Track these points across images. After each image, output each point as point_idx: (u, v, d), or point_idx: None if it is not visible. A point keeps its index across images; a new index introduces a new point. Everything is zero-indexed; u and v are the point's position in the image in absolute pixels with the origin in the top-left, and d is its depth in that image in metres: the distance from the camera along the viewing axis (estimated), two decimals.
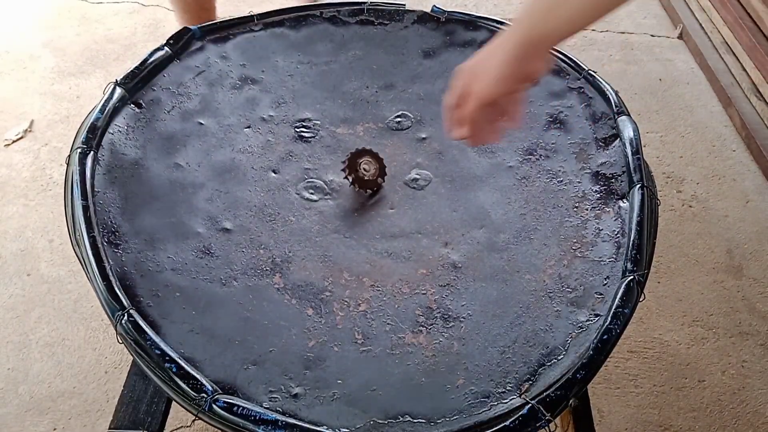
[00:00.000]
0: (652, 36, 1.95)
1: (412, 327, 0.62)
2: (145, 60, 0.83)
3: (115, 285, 0.59)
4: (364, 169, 0.75)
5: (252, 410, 0.52)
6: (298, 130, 0.83)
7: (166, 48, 0.85)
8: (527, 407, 0.53)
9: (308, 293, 0.65)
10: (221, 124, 0.82)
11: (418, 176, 0.78)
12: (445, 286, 0.66)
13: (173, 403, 0.61)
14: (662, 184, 1.47)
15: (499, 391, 0.56)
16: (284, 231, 0.71)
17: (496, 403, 0.55)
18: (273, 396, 0.56)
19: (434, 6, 0.95)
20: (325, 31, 0.94)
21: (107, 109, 0.75)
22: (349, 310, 0.64)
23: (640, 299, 0.61)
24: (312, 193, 0.76)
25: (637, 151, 0.73)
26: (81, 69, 1.75)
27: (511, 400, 0.55)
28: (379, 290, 0.66)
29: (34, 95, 1.66)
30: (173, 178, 0.74)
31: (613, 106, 0.80)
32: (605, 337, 0.57)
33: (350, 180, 0.75)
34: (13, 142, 1.54)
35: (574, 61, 0.87)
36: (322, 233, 0.71)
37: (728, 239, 1.35)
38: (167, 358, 0.55)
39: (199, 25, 0.90)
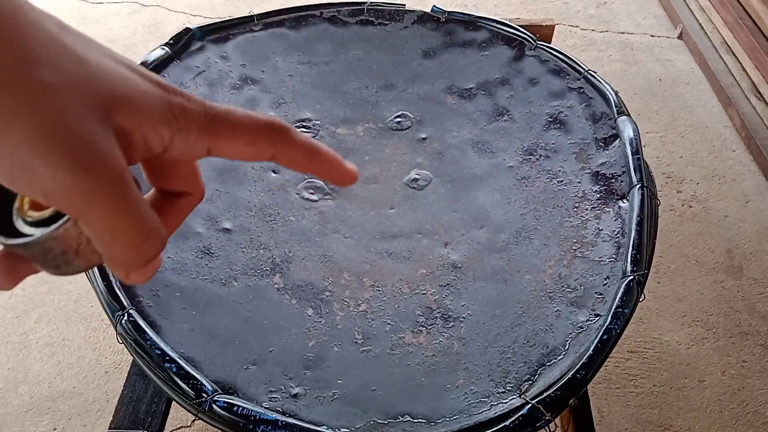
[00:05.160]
0: (651, 36, 1.95)
1: (412, 327, 0.62)
2: (145, 60, 0.83)
3: (115, 285, 0.59)
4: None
5: (252, 410, 0.52)
6: (298, 130, 0.83)
7: (166, 48, 0.85)
8: (527, 407, 0.53)
9: (308, 293, 0.65)
10: None
11: (418, 176, 0.78)
12: (445, 286, 0.66)
13: (173, 403, 0.61)
14: (662, 184, 1.47)
15: (499, 391, 0.56)
16: (284, 231, 0.71)
17: (496, 403, 0.55)
18: (273, 396, 0.56)
19: (434, 6, 0.95)
20: (325, 31, 0.94)
21: None
22: (349, 310, 0.64)
23: (640, 299, 0.61)
24: (312, 193, 0.76)
25: (637, 151, 0.73)
26: None
27: (511, 400, 0.55)
28: (379, 290, 0.66)
29: None
30: None
31: (613, 107, 0.80)
32: (605, 337, 0.57)
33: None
34: None
35: (574, 61, 0.87)
36: (322, 233, 0.71)
37: (728, 239, 1.35)
38: (167, 358, 0.55)
39: (200, 25, 0.90)
